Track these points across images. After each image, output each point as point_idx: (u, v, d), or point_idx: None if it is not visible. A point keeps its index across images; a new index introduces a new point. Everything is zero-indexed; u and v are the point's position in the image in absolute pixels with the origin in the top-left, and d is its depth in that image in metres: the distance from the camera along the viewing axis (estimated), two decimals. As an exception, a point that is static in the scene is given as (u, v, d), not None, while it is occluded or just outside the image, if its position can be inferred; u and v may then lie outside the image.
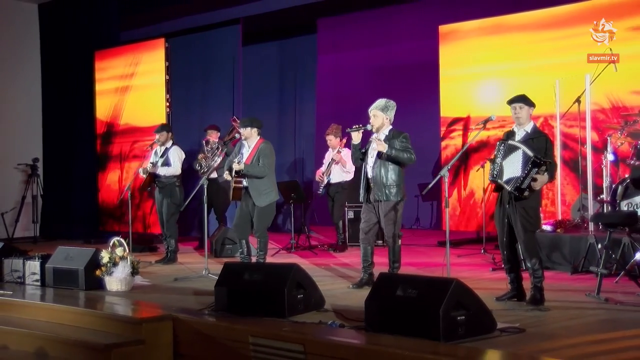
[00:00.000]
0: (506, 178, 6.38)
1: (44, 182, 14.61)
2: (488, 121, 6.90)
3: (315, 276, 6.84)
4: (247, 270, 6.47)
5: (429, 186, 6.94)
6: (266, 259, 8.77)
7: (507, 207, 6.43)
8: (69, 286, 7.83)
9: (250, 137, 8.79)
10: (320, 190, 11.14)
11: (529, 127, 6.61)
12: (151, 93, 12.95)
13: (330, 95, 14.96)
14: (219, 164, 11.00)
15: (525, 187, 6.27)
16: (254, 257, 8.77)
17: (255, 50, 14.46)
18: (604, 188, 8.86)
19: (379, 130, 7.54)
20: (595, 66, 8.91)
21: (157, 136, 10.22)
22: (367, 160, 7.57)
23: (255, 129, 8.79)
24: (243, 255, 8.77)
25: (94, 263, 7.76)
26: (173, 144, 10.26)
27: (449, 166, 6.72)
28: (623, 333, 5.41)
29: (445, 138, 11.66)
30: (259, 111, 13.85)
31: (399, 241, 7.51)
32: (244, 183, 8.67)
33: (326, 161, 11.19)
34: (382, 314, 5.41)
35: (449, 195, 11.13)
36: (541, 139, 6.53)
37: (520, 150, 6.40)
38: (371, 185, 7.50)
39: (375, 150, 7.47)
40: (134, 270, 7.76)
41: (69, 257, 8.09)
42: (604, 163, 8.89)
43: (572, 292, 7.03)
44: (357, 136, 7.54)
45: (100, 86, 13.88)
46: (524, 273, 6.69)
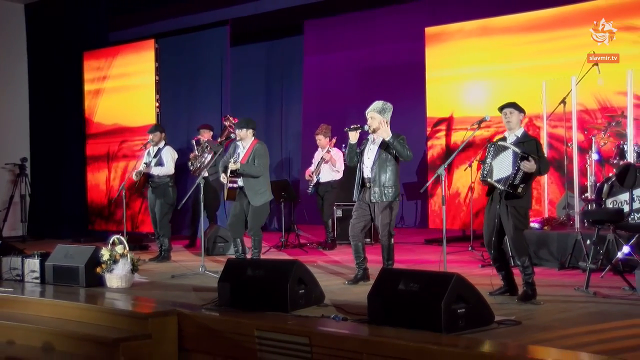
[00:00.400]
0: (496, 177, 6.61)
1: (31, 182, 14.68)
2: (482, 121, 7.12)
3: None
4: (249, 266, 6.66)
5: (427, 184, 7.17)
6: (260, 257, 8.97)
7: (498, 207, 6.66)
8: (69, 283, 7.98)
9: (246, 138, 8.98)
10: (310, 189, 11.35)
11: (519, 132, 6.84)
12: (141, 93, 13.07)
13: (316, 96, 15.18)
14: (209, 161, 11.20)
15: (517, 183, 6.51)
16: (248, 255, 8.96)
17: (243, 51, 14.63)
18: (589, 187, 9.16)
19: (375, 132, 7.73)
20: (580, 68, 9.17)
21: (151, 136, 10.36)
22: (363, 160, 7.77)
23: (251, 130, 9.00)
24: (238, 253, 8.95)
25: (94, 260, 7.90)
26: (166, 144, 10.41)
27: (445, 165, 6.94)
28: (613, 324, 5.66)
29: (431, 138, 11.89)
30: (246, 111, 14.02)
31: (392, 239, 7.73)
32: (239, 183, 8.86)
33: (315, 160, 11.39)
34: (385, 308, 5.62)
35: (434, 194, 11.53)
36: (532, 142, 6.77)
37: (509, 150, 6.64)
38: (367, 185, 7.69)
39: (373, 151, 7.68)
40: (134, 268, 7.92)
41: (69, 254, 8.23)
42: (588, 162, 9.18)
43: (561, 287, 7.29)
44: (354, 136, 7.75)
45: (90, 86, 13.97)
46: (514, 269, 6.95)
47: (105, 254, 7.82)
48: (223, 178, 8.93)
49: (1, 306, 7.50)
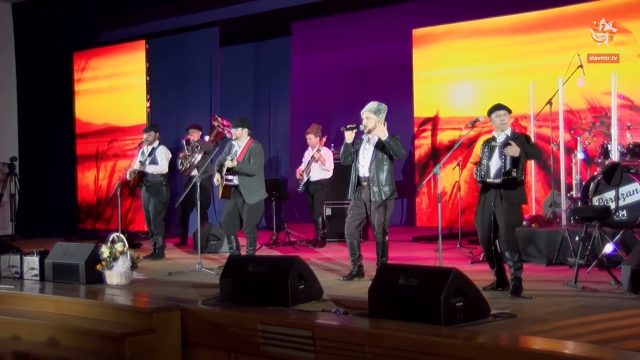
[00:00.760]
0: (493, 174, 6.85)
1: (20, 181, 14.76)
2: (476, 122, 7.35)
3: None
4: (251, 262, 6.85)
5: (422, 182, 7.39)
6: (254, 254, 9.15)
7: (493, 204, 6.89)
8: (69, 280, 8.11)
9: (241, 137, 9.17)
10: (301, 187, 11.54)
11: (508, 131, 7.08)
12: (131, 93, 13.21)
13: (304, 96, 15.39)
14: (199, 161, 11.38)
15: (510, 168, 6.75)
16: (242, 252, 9.14)
17: (231, 51, 14.81)
18: (574, 185, 9.44)
19: (371, 132, 7.94)
20: (566, 69, 9.43)
21: (145, 136, 10.52)
22: (359, 159, 7.97)
23: (246, 129, 9.19)
24: (232, 250, 9.14)
25: (94, 258, 8.04)
26: (160, 144, 10.56)
27: (440, 164, 7.18)
28: (603, 316, 5.92)
29: (417, 138, 12.12)
30: (234, 111, 14.25)
31: (387, 237, 7.95)
32: (235, 182, 9.04)
33: (305, 159, 11.57)
34: (386, 302, 5.83)
35: (421, 192, 11.76)
36: (521, 137, 7.04)
37: (497, 147, 6.90)
38: (363, 184, 7.90)
39: (369, 150, 7.89)
40: (134, 265, 8.08)
41: (68, 252, 8.38)
42: (573, 161, 9.46)
43: (550, 282, 7.54)
44: (349, 135, 7.95)
45: (80, 86, 14.08)
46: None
47: (105, 251, 7.96)
48: (217, 180, 9.09)
49: (4, 303, 7.63)
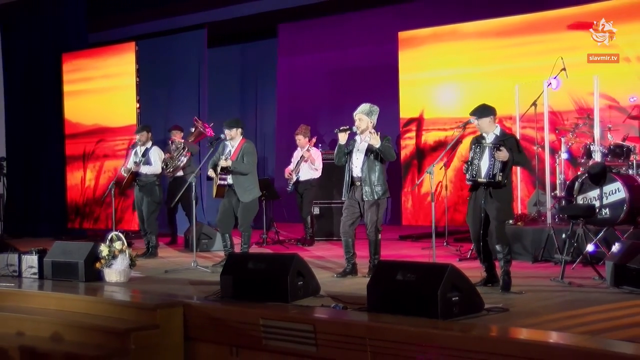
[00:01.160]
0: (484, 175, 7.11)
1: (8, 181, 14.85)
2: (468, 123, 7.60)
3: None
4: (251, 260, 7.07)
5: (417, 182, 7.64)
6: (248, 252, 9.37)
7: (483, 202, 7.16)
8: (68, 278, 8.27)
9: (235, 137, 9.38)
10: (290, 187, 11.76)
11: (497, 131, 7.33)
12: (121, 94, 13.33)
13: (290, 97, 15.64)
14: (185, 163, 11.61)
15: (496, 172, 7.01)
16: (236, 250, 9.36)
17: (219, 52, 15.00)
18: (558, 184, 9.75)
19: (363, 133, 8.18)
20: (549, 72, 9.73)
21: (138, 136, 10.70)
22: (352, 160, 8.21)
23: (240, 129, 9.40)
24: (227, 248, 9.36)
25: (93, 256, 8.22)
26: (153, 144, 10.74)
27: (434, 164, 7.44)
28: (590, 309, 6.20)
29: (403, 138, 12.36)
30: (221, 111, 14.50)
31: (380, 235, 8.20)
32: (229, 181, 9.26)
33: (295, 159, 11.79)
34: (384, 297, 6.07)
35: (405, 192, 12.02)
36: (511, 139, 7.30)
37: (487, 147, 7.15)
38: (357, 184, 8.13)
39: (362, 151, 8.12)
40: (132, 263, 8.27)
41: (67, 251, 8.54)
42: (557, 161, 9.76)
43: (537, 278, 7.82)
44: (343, 137, 8.18)
45: (69, 87, 14.19)
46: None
47: (104, 249, 8.13)
48: (211, 173, 9.29)
49: (7, 300, 7.80)
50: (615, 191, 8.60)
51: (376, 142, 7.97)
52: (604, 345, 4.99)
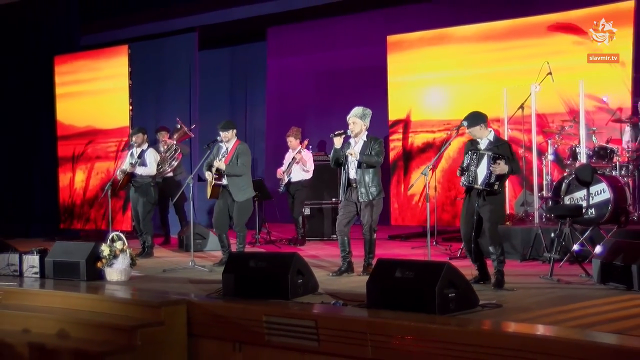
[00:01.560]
0: (480, 181, 7.38)
1: (-1, 182, 15.02)
2: (460, 127, 7.86)
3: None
4: (252, 258, 7.30)
5: (412, 184, 7.90)
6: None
7: (477, 204, 7.43)
8: (69, 278, 8.45)
9: (231, 139, 9.61)
10: (281, 188, 11.99)
11: (491, 136, 7.62)
12: (113, 97, 13.46)
13: (279, 98, 15.90)
14: (175, 166, 11.88)
15: (493, 182, 7.29)
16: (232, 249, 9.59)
17: (208, 55, 15.20)
18: (544, 185, 10.05)
19: (357, 136, 8.43)
20: (536, 75, 10.02)
21: (134, 138, 10.88)
22: (348, 162, 8.46)
23: (235, 131, 9.65)
24: (225, 249, 9.58)
25: (95, 256, 8.41)
26: (149, 146, 10.94)
27: (429, 166, 7.71)
28: (579, 305, 6.50)
29: (392, 140, 12.60)
30: (211, 113, 14.72)
31: (375, 234, 8.47)
32: (224, 181, 9.48)
33: (286, 161, 12.01)
34: (383, 293, 6.32)
35: (397, 193, 12.28)
36: (505, 145, 7.59)
37: (485, 155, 7.42)
38: (353, 185, 8.38)
39: (356, 154, 8.39)
40: (133, 262, 8.47)
41: (68, 251, 8.73)
42: (544, 163, 10.06)
43: (527, 276, 8.10)
44: (338, 141, 8.45)
45: (61, 90, 14.32)
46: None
47: (105, 249, 8.32)
48: (208, 175, 9.51)
49: (12, 299, 7.97)
50: (601, 192, 8.92)
51: (355, 155, 8.29)
52: (591, 337, 5.30)
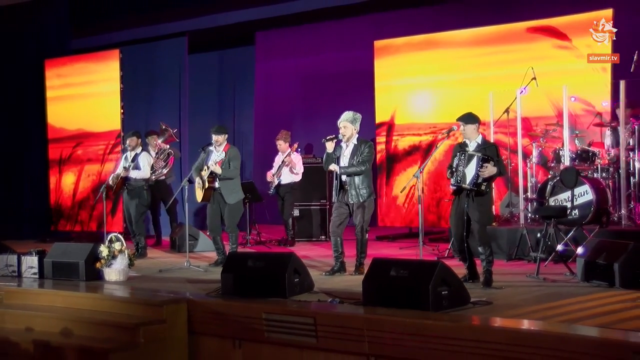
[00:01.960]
0: (468, 181, 7.67)
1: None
2: (451, 131, 8.14)
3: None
4: (250, 258, 7.54)
5: (405, 186, 8.19)
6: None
7: (466, 205, 7.72)
8: (68, 278, 8.64)
9: (222, 143, 9.84)
10: (271, 190, 12.23)
11: (479, 139, 7.90)
12: (104, 100, 13.67)
13: (267, 101, 16.15)
14: (168, 171, 12.12)
15: (480, 182, 7.59)
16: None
17: (198, 59, 15.38)
18: (529, 187, 10.36)
19: (348, 140, 8.70)
20: (521, 80, 10.34)
21: (128, 141, 11.08)
22: (340, 166, 8.71)
23: (227, 135, 9.90)
24: (220, 250, 9.82)
25: (93, 256, 8.61)
26: (142, 150, 11.14)
27: (421, 168, 7.99)
28: (566, 301, 6.79)
29: (379, 143, 12.86)
30: (200, 116, 14.93)
31: (367, 235, 8.74)
32: (216, 185, 9.72)
33: (276, 164, 12.24)
34: (378, 291, 6.58)
35: (382, 194, 12.54)
36: (492, 147, 7.88)
37: (475, 156, 7.71)
38: (345, 187, 8.64)
39: (347, 157, 8.66)
40: (131, 263, 8.68)
41: (67, 252, 8.93)
42: (529, 165, 10.38)
43: (513, 275, 8.40)
44: (330, 145, 8.71)
45: (52, 93, 14.49)
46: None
47: (104, 250, 8.52)
48: (203, 175, 9.72)
49: (13, 298, 8.17)
50: (584, 193, 9.24)
51: (336, 169, 8.60)
52: (576, 331, 5.62)
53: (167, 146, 12.38)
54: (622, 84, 9.81)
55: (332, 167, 8.68)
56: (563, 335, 5.45)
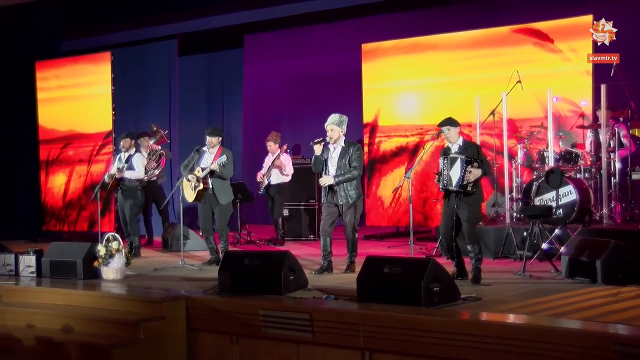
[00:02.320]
0: (454, 183, 7.94)
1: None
2: (440, 133, 8.40)
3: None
4: (246, 257, 7.76)
5: (396, 186, 8.45)
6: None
7: (456, 205, 7.98)
8: (66, 276, 8.82)
9: (216, 145, 10.06)
10: (261, 190, 12.44)
11: (460, 141, 8.20)
12: (96, 102, 13.84)
13: (255, 104, 16.38)
14: (160, 172, 12.33)
15: (466, 183, 7.86)
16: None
17: (188, 61, 15.59)
18: (514, 187, 10.65)
19: (336, 142, 8.93)
20: (506, 83, 10.61)
21: (122, 143, 11.27)
22: (328, 167, 8.95)
23: (220, 138, 10.11)
24: (213, 249, 10.04)
25: (91, 255, 8.79)
26: (136, 151, 11.33)
27: (412, 169, 8.25)
28: (553, 297, 7.08)
29: (366, 144, 13.10)
30: (189, 118, 15.13)
31: (357, 234, 8.98)
32: (210, 185, 9.93)
33: (266, 165, 12.45)
34: (372, 288, 6.82)
35: (370, 194, 12.80)
36: (473, 147, 8.18)
37: (458, 159, 7.98)
38: (335, 189, 8.85)
39: (335, 159, 8.88)
40: (127, 261, 8.87)
41: (64, 251, 9.10)
42: (514, 166, 10.67)
43: (500, 273, 8.67)
44: (318, 148, 8.93)
45: (43, 94, 14.64)
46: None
47: (101, 249, 8.71)
48: (196, 174, 9.88)
49: (13, 296, 8.35)
50: (568, 193, 9.54)
51: (328, 180, 8.80)
52: (561, 324, 5.91)
53: (159, 147, 12.59)
54: (603, 87, 10.11)
55: (325, 180, 8.82)
56: (549, 328, 5.74)
